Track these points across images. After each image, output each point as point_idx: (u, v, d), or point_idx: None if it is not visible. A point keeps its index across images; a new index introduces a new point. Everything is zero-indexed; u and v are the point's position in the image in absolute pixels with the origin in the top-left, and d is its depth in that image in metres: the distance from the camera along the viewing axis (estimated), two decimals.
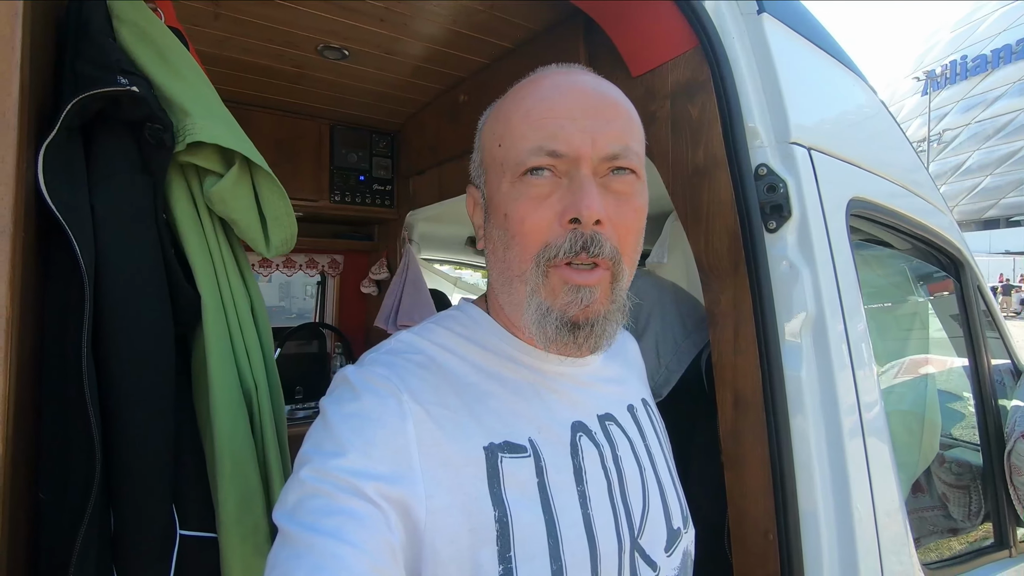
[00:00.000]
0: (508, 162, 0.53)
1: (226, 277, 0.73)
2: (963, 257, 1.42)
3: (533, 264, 0.51)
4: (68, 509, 0.56)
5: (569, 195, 0.50)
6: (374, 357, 0.54)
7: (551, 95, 0.53)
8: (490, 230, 0.57)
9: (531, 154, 0.51)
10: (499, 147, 0.54)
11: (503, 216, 0.53)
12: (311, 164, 1.97)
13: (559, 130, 0.50)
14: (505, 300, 0.56)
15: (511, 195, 0.52)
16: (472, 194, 0.61)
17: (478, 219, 0.60)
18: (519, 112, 0.54)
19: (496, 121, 0.57)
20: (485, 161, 0.58)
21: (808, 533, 0.81)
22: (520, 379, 0.56)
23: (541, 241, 0.50)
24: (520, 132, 0.52)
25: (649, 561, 0.56)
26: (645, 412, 0.68)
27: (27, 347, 0.54)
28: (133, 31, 0.66)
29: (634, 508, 0.57)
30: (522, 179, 0.51)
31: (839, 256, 0.90)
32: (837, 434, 0.83)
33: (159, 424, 0.64)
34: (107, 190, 0.62)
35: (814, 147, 0.93)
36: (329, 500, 0.42)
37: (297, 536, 0.41)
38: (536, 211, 0.50)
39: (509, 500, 0.48)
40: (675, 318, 1.11)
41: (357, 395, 0.49)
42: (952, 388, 1.62)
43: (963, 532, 1.42)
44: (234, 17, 1.25)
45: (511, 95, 0.57)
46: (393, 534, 0.43)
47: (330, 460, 0.44)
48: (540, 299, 0.51)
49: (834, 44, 1.18)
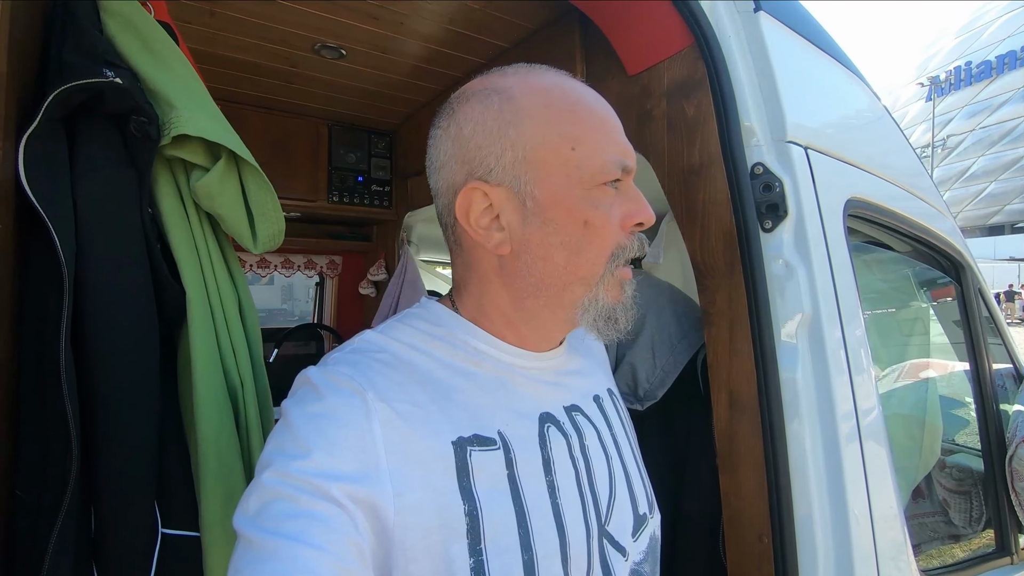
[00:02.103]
0: (587, 168, 0.53)
1: (212, 273, 0.72)
2: (964, 260, 1.41)
3: (608, 266, 0.55)
4: (45, 508, 0.55)
5: (628, 202, 0.56)
6: (338, 356, 0.53)
7: (603, 108, 0.57)
8: (540, 235, 0.54)
9: (615, 166, 0.54)
10: (572, 150, 0.53)
11: (582, 223, 0.54)
12: (308, 164, 1.96)
13: (627, 146, 0.56)
14: (532, 304, 0.57)
15: (590, 202, 0.54)
16: (488, 193, 0.54)
17: (492, 222, 0.55)
18: (594, 119, 0.55)
19: (559, 121, 0.54)
20: (534, 159, 0.53)
21: (803, 537, 0.80)
22: (487, 373, 0.56)
23: (615, 244, 0.55)
24: (599, 141, 0.54)
25: (617, 546, 0.57)
26: (611, 402, 0.69)
27: (5, 341, 0.53)
28: (120, 23, 0.66)
29: (601, 496, 0.58)
30: (602, 188, 0.54)
31: (836, 256, 0.89)
32: (833, 437, 0.82)
33: (142, 421, 0.63)
34: (90, 183, 0.61)
35: (811, 146, 0.92)
36: (292, 503, 0.42)
37: (260, 542, 0.40)
38: (611, 218, 0.55)
39: (479, 493, 0.48)
40: (671, 318, 1.10)
41: (320, 395, 0.48)
42: (953, 393, 1.60)
43: (964, 538, 1.40)
44: (229, 15, 1.25)
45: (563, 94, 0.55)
46: (360, 535, 0.43)
47: (293, 462, 0.43)
48: (605, 300, 0.56)
49: (833, 44, 1.17)
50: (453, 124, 0.56)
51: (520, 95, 0.55)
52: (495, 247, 0.55)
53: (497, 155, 0.53)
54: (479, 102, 0.55)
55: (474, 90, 0.57)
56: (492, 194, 0.54)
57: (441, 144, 0.57)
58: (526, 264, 0.55)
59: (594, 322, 0.56)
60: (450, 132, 0.56)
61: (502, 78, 0.57)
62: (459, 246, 0.60)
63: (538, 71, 0.58)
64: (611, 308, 0.56)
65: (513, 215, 0.54)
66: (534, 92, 0.55)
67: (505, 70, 0.58)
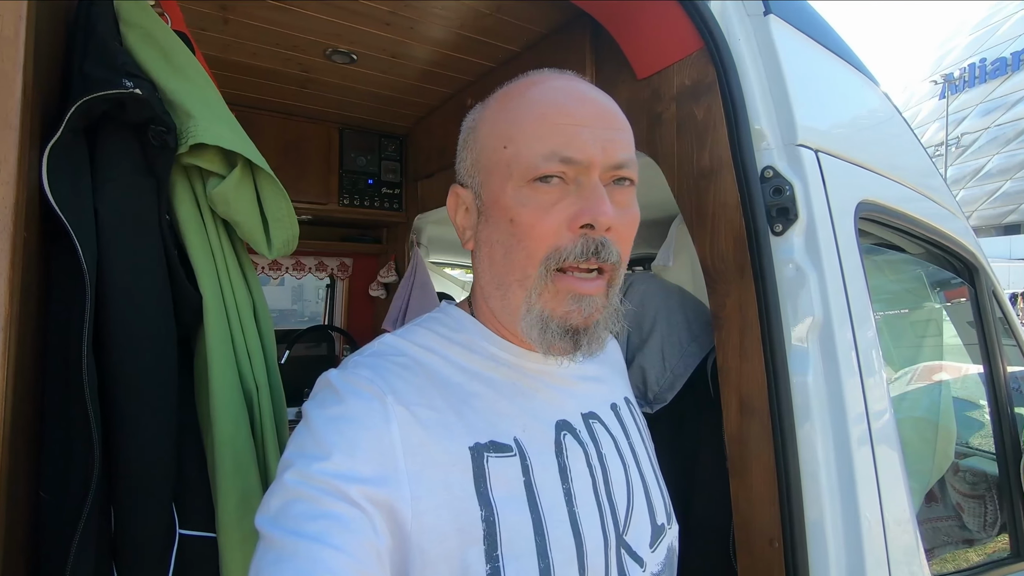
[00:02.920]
0: (517, 165, 0.52)
1: (228, 278, 0.74)
2: (978, 262, 1.39)
3: (541, 268, 0.51)
4: (67, 509, 0.56)
5: (581, 201, 0.51)
6: (357, 360, 0.53)
7: (564, 100, 0.53)
8: (486, 233, 0.56)
9: (545, 159, 0.50)
10: (504, 149, 0.53)
11: (508, 221, 0.52)
12: (320, 167, 1.98)
13: (574, 136, 0.51)
14: (497, 304, 0.56)
15: (519, 200, 0.52)
16: (459, 195, 0.60)
17: (464, 220, 0.60)
18: (531, 115, 0.52)
19: (499, 122, 0.55)
20: (482, 162, 0.56)
21: (814, 542, 0.80)
22: (504, 379, 0.56)
23: (550, 245, 0.51)
24: (533, 135, 0.52)
25: (635, 557, 0.56)
26: (628, 410, 0.68)
27: (28, 346, 0.54)
28: (139, 34, 0.67)
29: (619, 505, 0.57)
30: (531, 184, 0.51)
31: (847, 260, 0.89)
32: (845, 441, 0.82)
33: (160, 423, 0.64)
34: (111, 191, 0.63)
35: (821, 149, 0.91)
36: (313, 504, 0.42)
37: (280, 541, 0.41)
38: (546, 217, 0.51)
39: (496, 499, 0.48)
40: (681, 322, 1.10)
41: (341, 398, 0.48)
42: (968, 396, 1.59)
43: (979, 543, 1.39)
44: (243, 22, 1.26)
45: (514, 96, 0.56)
46: (379, 537, 0.43)
47: (314, 464, 0.44)
48: (540, 308, 0.52)
49: (844, 46, 1.16)
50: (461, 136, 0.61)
51: (490, 103, 0.58)
52: (465, 242, 0.60)
53: (462, 160, 0.59)
54: (469, 116, 0.60)
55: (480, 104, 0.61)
56: (462, 195, 0.59)
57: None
58: (480, 261, 0.58)
59: (529, 330, 0.52)
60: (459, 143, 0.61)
61: (504, 88, 0.58)
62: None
63: (533, 75, 0.57)
64: (546, 318, 0.52)
65: (473, 214, 0.58)
66: (500, 98, 0.57)
67: (517, 78, 0.59)
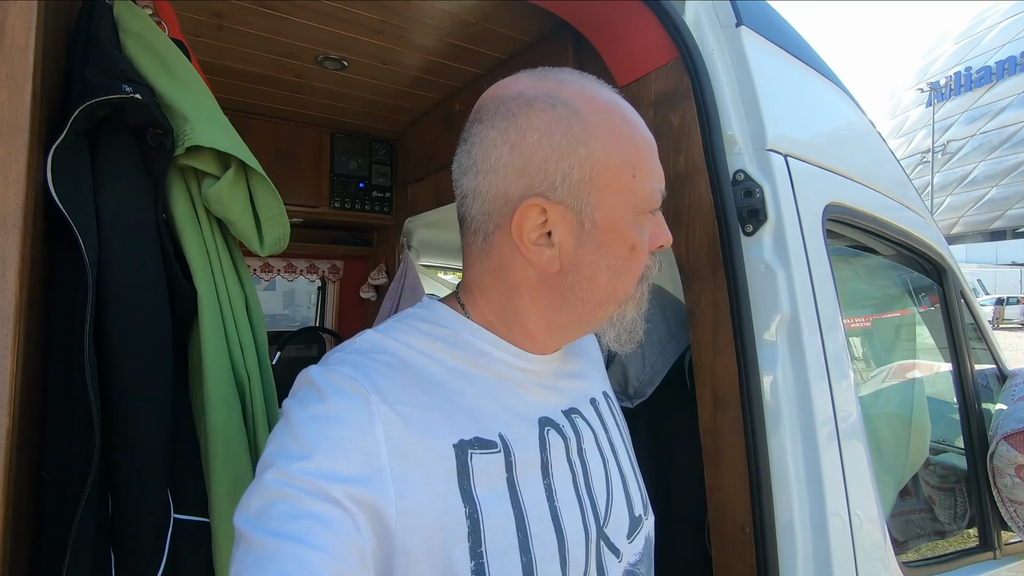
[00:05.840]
0: (640, 195, 0.54)
1: (222, 274, 0.77)
2: (946, 263, 1.45)
3: (638, 286, 0.58)
4: (68, 490, 0.59)
5: (655, 225, 0.58)
6: (340, 357, 0.52)
7: (648, 132, 0.57)
8: (592, 257, 0.54)
9: (659, 194, 0.56)
10: (633, 178, 0.54)
11: (629, 248, 0.55)
12: (311, 171, 2.02)
13: (661, 169, 0.58)
14: (566, 317, 0.57)
15: (638, 228, 0.55)
16: (548, 211, 0.52)
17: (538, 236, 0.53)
18: (647, 146, 0.56)
19: (617, 145, 0.53)
20: (596, 182, 0.52)
21: (783, 528, 0.83)
22: (488, 375, 0.56)
23: (645, 267, 0.58)
24: (648, 168, 0.55)
25: (613, 548, 0.58)
26: (606, 404, 0.69)
27: (34, 335, 0.57)
28: (137, 42, 0.70)
29: (599, 498, 0.59)
30: (646, 215, 0.56)
31: (815, 258, 0.94)
32: (811, 433, 0.86)
33: (156, 412, 0.67)
34: (111, 191, 0.66)
35: (791, 154, 0.96)
36: (294, 504, 0.41)
37: (261, 542, 0.40)
38: (647, 243, 0.57)
39: (479, 496, 0.48)
40: (660, 319, 1.14)
41: (323, 396, 0.47)
42: (940, 393, 1.64)
43: (949, 534, 1.43)
44: (237, 28, 1.30)
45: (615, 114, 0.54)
46: (362, 537, 0.42)
47: (295, 463, 0.43)
48: (630, 313, 0.59)
49: (816, 58, 1.21)
50: (514, 129, 0.52)
51: (586, 111, 0.52)
52: (544, 263, 0.53)
53: (564, 173, 0.51)
54: (544, 112, 0.52)
55: (534, 95, 0.53)
56: (550, 211, 0.52)
57: (495, 148, 0.53)
58: (571, 283, 0.55)
59: (617, 336, 0.59)
60: (509, 137, 0.52)
61: (560, 87, 0.54)
62: (487, 253, 0.57)
63: (592, 83, 0.56)
64: (634, 321, 0.60)
65: (568, 234, 0.53)
66: (598, 110, 0.53)
67: (560, 75, 0.55)
